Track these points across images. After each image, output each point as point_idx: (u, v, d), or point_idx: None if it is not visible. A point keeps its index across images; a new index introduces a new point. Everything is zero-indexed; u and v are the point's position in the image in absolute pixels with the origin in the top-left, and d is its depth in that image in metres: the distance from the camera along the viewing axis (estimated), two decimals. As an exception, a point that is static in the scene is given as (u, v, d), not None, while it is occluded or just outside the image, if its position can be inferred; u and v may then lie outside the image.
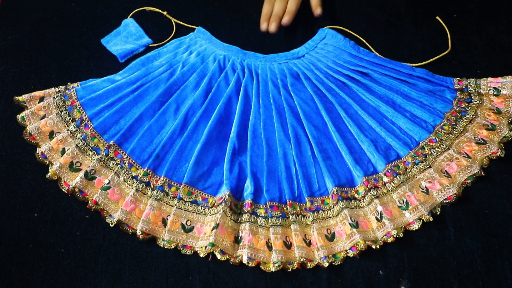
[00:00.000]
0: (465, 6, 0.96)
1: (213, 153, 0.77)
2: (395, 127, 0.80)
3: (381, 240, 0.70)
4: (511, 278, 0.68)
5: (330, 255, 0.69)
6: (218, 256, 0.67)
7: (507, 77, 0.83)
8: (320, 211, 0.72)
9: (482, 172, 0.75)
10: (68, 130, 0.78)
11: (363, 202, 0.73)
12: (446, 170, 0.75)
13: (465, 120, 0.80)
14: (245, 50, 0.90)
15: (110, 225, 0.71)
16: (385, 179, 0.75)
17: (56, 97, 0.81)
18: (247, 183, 0.74)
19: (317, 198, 0.74)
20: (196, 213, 0.72)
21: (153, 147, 0.78)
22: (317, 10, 0.89)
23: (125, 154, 0.76)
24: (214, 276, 0.68)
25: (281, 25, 0.89)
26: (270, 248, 0.69)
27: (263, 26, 0.89)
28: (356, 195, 0.74)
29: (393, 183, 0.74)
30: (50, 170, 0.75)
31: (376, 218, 0.71)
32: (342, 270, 0.69)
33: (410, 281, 0.68)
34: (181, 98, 0.83)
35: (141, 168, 0.75)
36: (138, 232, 0.70)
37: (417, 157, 0.76)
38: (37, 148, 0.77)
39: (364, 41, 0.92)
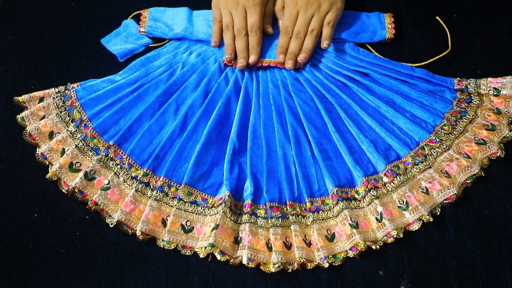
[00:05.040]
0: (465, 6, 0.96)
1: (212, 153, 0.77)
2: (395, 127, 0.80)
3: (381, 240, 0.70)
4: (511, 279, 0.67)
5: (330, 256, 0.69)
6: (218, 257, 0.67)
7: (507, 77, 0.83)
8: (320, 211, 0.72)
9: (482, 173, 0.75)
10: (67, 130, 0.78)
11: (363, 202, 0.73)
12: (446, 171, 0.75)
13: (465, 120, 0.80)
14: (245, 50, 0.90)
15: (110, 225, 0.71)
16: (385, 179, 0.75)
17: (56, 97, 0.81)
18: (247, 183, 0.74)
19: (317, 199, 0.74)
20: (196, 214, 0.72)
21: (152, 147, 0.78)
22: (323, 43, 0.87)
23: (124, 155, 0.76)
24: (214, 276, 0.68)
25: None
26: (270, 248, 0.69)
27: (280, 58, 0.86)
28: (356, 196, 0.74)
29: (393, 183, 0.74)
30: (50, 171, 0.75)
31: (376, 219, 0.71)
32: (342, 270, 0.69)
33: (410, 282, 0.68)
34: (181, 98, 0.83)
35: (140, 169, 0.75)
36: (138, 233, 0.70)
37: (417, 158, 0.76)
38: (37, 148, 0.77)
39: (364, 41, 0.92)
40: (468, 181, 0.74)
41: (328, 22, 0.88)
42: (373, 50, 0.90)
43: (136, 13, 0.95)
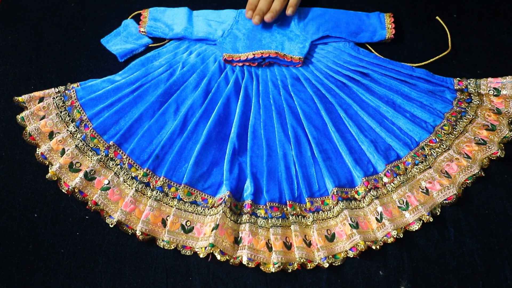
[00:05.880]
0: (465, 6, 0.96)
1: (212, 153, 0.77)
2: (395, 127, 0.80)
3: (381, 240, 0.70)
4: (511, 279, 0.67)
5: (330, 256, 0.69)
6: (218, 257, 0.67)
7: (507, 77, 0.83)
8: (320, 211, 0.72)
9: (482, 173, 0.75)
10: (67, 130, 0.78)
11: (363, 202, 0.73)
12: (446, 171, 0.75)
13: (465, 121, 0.80)
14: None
15: (110, 225, 0.71)
16: (385, 179, 0.75)
17: (56, 97, 0.81)
18: (247, 183, 0.74)
19: (317, 199, 0.74)
20: (196, 214, 0.72)
21: (152, 147, 0.78)
22: (288, 10, 0.90)
23: (124, 155, 0.76)
24: (214, 276, 0.68)
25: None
26: (270, 248, 0.69)
27: (248, 14, 0.90)
28: (356, 196, 0.74)
29: (393, 183, 0.74)
30: (50, 171, 0.75)
31: (376, 219, 0.71)
32: (342, 270, 0.69)
33: (410, 282, 0.68)
34: (181, 98, 0.83)
35: (140, 169, 0.75)
36: (138, 233, 0.70)
37: (417, 158, 0.76)
38: (37, 148, 0.77)
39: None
40: (468, 181, 0.74)
41: None
42: (373, 50, 0.90)
43: (136, 13, 0.95)
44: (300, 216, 0.72)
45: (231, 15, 0.92)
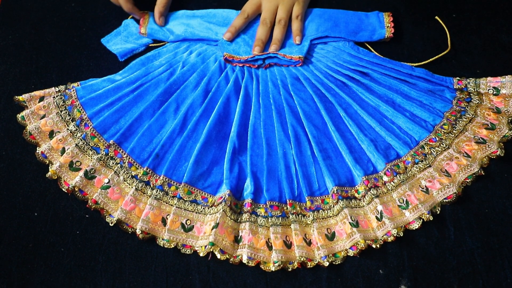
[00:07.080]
0: (464, 6, 0.97)
1: (212, 152, 0.77)
2: (395, 126, 0.80)
3: (381, 239, 0.70)
4: (511, 277, 0.68)
5: (330, 255, 0.69)
6: (218, 256, 0.67)
7: (506, 76, 0.83)
8: (320, 210, 0.72)
9: (482, 171, 0.75)
10: (68, 129, 0.78)
11: (363, 201, 0.73)
12: (446, 169, 0.75)
13: (465, 120, 0.80)
14: (244, 50, 0.90)
15: (110, 224, 0.71)
16: (385, 178, 0.75)
17: (56, 96, 0.81)
18: (247, 182, 0.74)
19: (317, 198, 0.74)
20: (196, 213, 0.72)
21: (152, 146, 0.78)
22: (296, 40, 0.89)
23: (124, 154, 0.76)
24: (214, 275, 0.68)
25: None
26: (270, 247, 0.69)
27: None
28: (356, 195, 0.74)
29: (393, 182, 0.74)
30: (50, 170, 0.75)
31: (376, 217, 0.71)
32: (342, 269, 0.69)
33: (410, 280, 0.68)
34: (181, 97, 0.83)
35: (140, 168, 0.75)
36: (138, 232, 0.70)
37: (417, 157, 0.76)
38: (37, 147, 0.77)
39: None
40: (468, 180, 0.74)
41: (296, 16, 0.90)
42: (372, 50, 0.90)
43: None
44: (300, 215, 0.72)
45: (232, 18, 0.92)
